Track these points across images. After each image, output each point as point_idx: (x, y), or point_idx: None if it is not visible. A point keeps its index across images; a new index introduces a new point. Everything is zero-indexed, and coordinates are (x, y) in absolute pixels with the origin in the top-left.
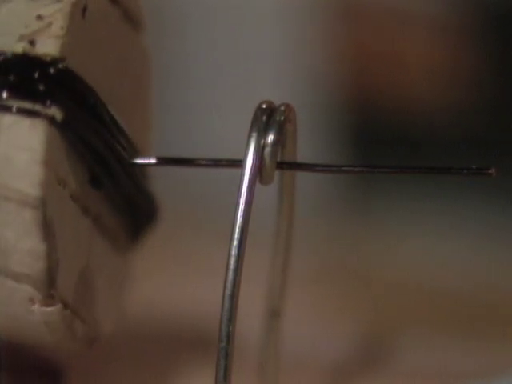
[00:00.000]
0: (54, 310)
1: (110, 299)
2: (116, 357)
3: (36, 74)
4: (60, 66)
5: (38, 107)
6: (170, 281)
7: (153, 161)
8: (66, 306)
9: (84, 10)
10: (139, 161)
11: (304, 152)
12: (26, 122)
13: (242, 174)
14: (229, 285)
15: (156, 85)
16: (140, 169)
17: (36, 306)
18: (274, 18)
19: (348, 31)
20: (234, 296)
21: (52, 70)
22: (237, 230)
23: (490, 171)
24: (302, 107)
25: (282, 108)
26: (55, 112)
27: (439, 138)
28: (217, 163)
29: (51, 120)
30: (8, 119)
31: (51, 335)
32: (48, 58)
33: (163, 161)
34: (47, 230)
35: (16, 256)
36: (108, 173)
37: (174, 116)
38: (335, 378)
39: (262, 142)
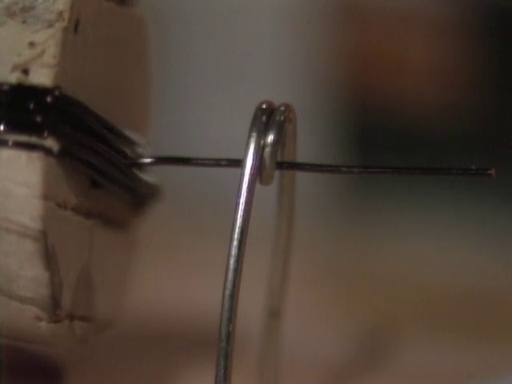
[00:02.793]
0: (60, 324)
1: (110, 300)
2: (116, 357)
3: (31, 105)
4: (56, 93)
5: (34, 139)
6: (169, 281)
7: (152, 160)
8: (71, 318)
9: (76, 25)
10: (138, 160)
11: (304, 152)
12: (23, 157)
13: (242, 174)
14: (229, 285)
15: (156, 85)
16: (140, 169)
17: (43, 323)
18: (274, 18)
19: (348, 31)
20: (233, 296)
21: (48, 99)
22: (237, 230)
23: (489, 172)
24: (302, 107)
25: (282, 108)
26: (52, 144)
27: (439, 137)
28: (217, 163)
29: (48, 151)
30: (5, 153)
31: (51, 337)
32: (42, 88)
33: (163, 160)
34: (49, 259)
35: (20, 282)
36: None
37: (174, 116)
38: (335, 378)
39: (262, 142)
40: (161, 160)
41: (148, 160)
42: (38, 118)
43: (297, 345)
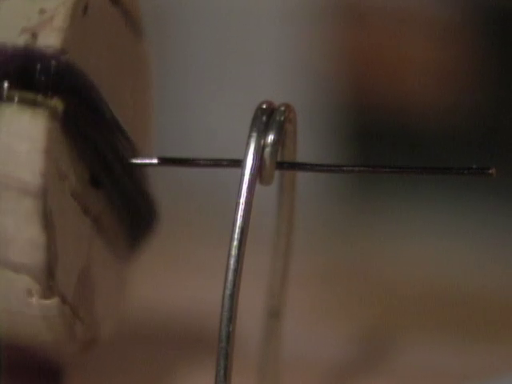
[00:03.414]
0: (52, 303)
1: (110, 301)
2: (116, 357)
3: (38, 66)
4: (62, 58)
5: (39, 98)
6: (169, 281)
7: (153, 161)
8: (64, 301)
9: (85, 8)
10: (139, 161)
11: (304, 152)
12: (27, 113)
13: (242, 174)
14: (229, 285)
15: (156, 85)
16: (140, 170)
17: (34, 299)
18: (274, 19)
19: (348, 31)
20: (233, 296)
21: (54, 63)
22: (237, 230)
23: (490, 171)
24: (302, 107)
25: (282, 108)
26: (57, 103)
27: (439, 137)
28: (217, 163)
29: (52, 111)
30: (9, 110)
31: (50, 333)
32: (50, 51)
33: (163, 161)
34: (47, 219)
35: (15, 245)
36: (108, 172)
37: (174, 116)
38: (335, 378)
39: (262, 142)
40: (161, 160)
41: (148, 160)
42: (43, 78)
43: (297, 345)
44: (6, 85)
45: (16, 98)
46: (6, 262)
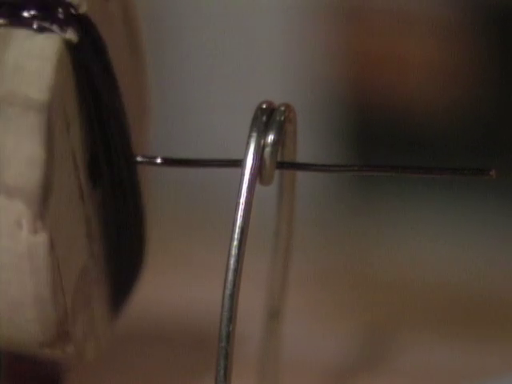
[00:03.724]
0: (39, 241)
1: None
2: (116, 357)
3: (59, 9)
4: (81, 10)
5: (55, 28)
6: (169, 281)
7: (155, 160)
8: (52, 246)
9: None
10: (141, 159)
11: (304, 152)
12: (41, 36)
13: (242, 174)
14: (229, 285)
15: (156, 85)
16: (139, 170)
17: (23, 233)
18: (274, 19)
19: (348, 31)
20: (233, 296)
21: (73, 11)
22: (237, 229)
23: (490, 173)
24: (302, 107)
25: (282, 108)
26: (71, 35)
27: (439, 137)
28: (217, 163)
29: (67, 41)
30: (25, 32)
31: (34, 284)
32: (73, 2)
33: (165, 161)
34: (49, 135)
35: (13, 165)
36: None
37: (174, 116)
38: (335, 378)
39: (262, 142)
40: (161, 160)
41: (149, 160)
42: (61, 16)
43: (296, 345)
44: (25, 13)
45: (34, 25)
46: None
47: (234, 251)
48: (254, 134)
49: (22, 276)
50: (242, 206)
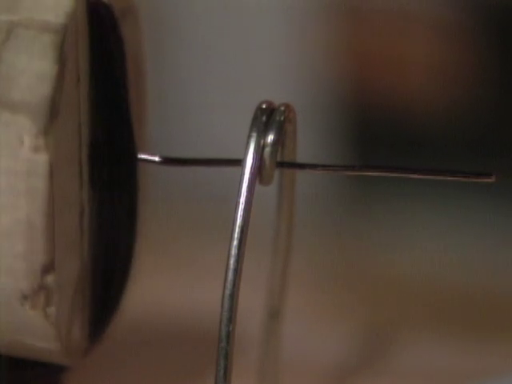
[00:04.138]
0: (40, 160)
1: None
2: (116, 357)
3: None
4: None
5: None
6: (169, 281)
7: (155, 159)
8: (51, 173)
9: None
10: (142, 156)
11: (304, 152)
12: None
13: (242, 174)
14: (229, 285)
15: (156, 85)
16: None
17: (24, 150)
18: (274, 19)
19: (348, 31)
20: (233, 296)
21: None
22: (237, 229)
23: (490, 178)
24: (302, 107)
25: (282, 108)
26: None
27: (439, 137)
28: (217, 163)
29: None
30: None
31: (30, 211)
32: None
33: (165, 160)
34: (61, 56)
35: (22, 81)
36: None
37: (174, 116)
38: (335, 378)
39: (262, 142)
40: (162, 159)
41: (149, 158)
42: None
43: (296, 345)
44: None
45: None
46: (6, 101)
47: (234, 251)
48: (254, 134)
49: (17, 199)
50: (241, 206)
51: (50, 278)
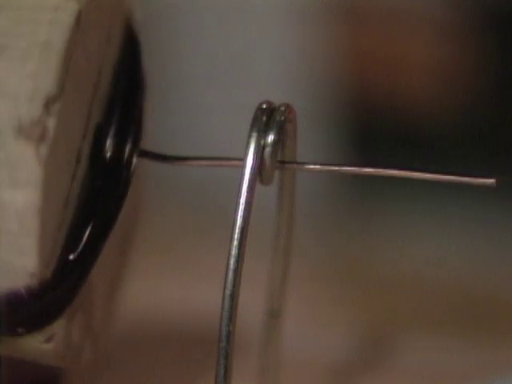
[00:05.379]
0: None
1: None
2: (116, 357)
3: None
4: None
5: None
6: (169, 281)
7: (154, 157)
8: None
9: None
10: (141, 154)
11: (304, 152)
12: None
13: (242, 174)
14: (229, 285)
15: (156, 85)
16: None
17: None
18: (275, 18)
19: (348, 31)
20: (234, 296)
21: None
22: (237, 229)
23: (491, 181)
24: (302, 107)
25: (282, 108)
26: None
27: (439, 137)
28: (217, 163)
29: None
30: None
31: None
32: None
33: (165, 158)
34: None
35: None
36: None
37: (174, 116)
38: (335, 378)
39: (262, 142)
40: (162, 158)
41: (145, 154)
42: None
43: (297, 345)
44: None
45: None
46: None
47: (234, 251)
48: (254, 134)
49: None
50: (241, 206)
51: (53, 108)
